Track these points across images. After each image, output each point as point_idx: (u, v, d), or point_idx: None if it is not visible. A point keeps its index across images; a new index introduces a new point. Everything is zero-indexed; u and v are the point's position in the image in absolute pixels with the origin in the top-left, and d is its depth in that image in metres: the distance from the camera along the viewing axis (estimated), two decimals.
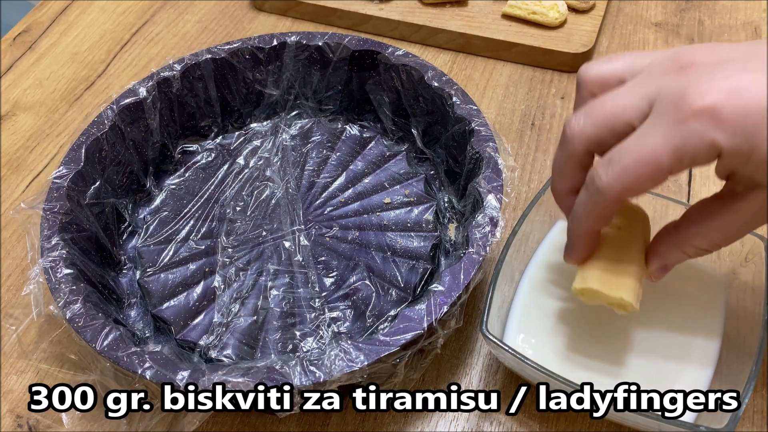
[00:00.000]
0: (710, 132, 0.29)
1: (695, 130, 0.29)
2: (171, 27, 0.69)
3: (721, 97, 0.29)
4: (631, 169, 0.31)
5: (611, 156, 0.32)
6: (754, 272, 0.41)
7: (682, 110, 0.29)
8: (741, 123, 0.28)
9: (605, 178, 0.31)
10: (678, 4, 0.67)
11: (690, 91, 0.29)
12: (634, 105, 0.31)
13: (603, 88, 0.34)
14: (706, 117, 0.29)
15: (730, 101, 0.28)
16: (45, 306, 0.40)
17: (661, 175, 0.30)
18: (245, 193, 0.51)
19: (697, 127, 0.29)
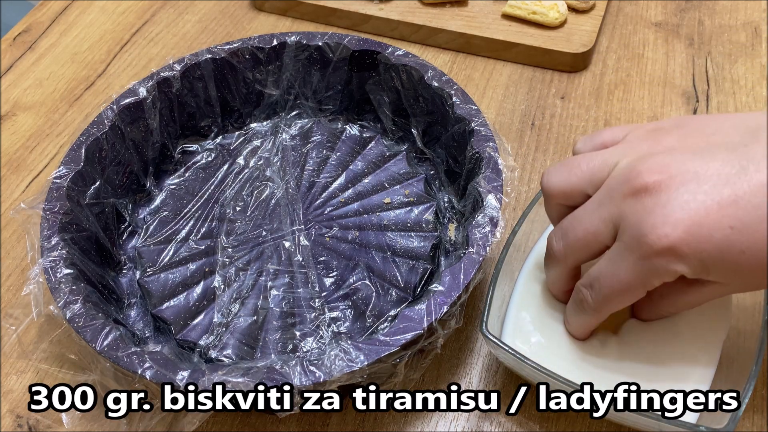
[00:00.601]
0: (672, 265, 0.32)
1: (659, 264, 0.33)
2: (171, 27, 0.69)
3: (677, 236, 0.31)
4: (611, 296, 0.36)
5: (592, 281, 0.36)
6: None
7: (644, 248, 0.32)
8: (698, 257, 0.32)
9: (591, 301, 0.37)
10: (678, 4, 0.67)
11: (648, 228, 0.32)
12: (602, 231, 0.35)
13: (568, 200, 0.38)
14: (667, 255, 0.32)
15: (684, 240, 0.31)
16: (45, 306, 0.40)
17: (636, 296, 0.35)
18: (245, 193, 0.51)
19: (661, 263, 0.32)
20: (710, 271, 0.32)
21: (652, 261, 0.32)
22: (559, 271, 0.40)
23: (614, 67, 0.62)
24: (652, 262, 0.33)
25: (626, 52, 0.63)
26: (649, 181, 0.33)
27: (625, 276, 0.34)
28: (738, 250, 0.31)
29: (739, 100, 0.58)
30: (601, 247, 0.36)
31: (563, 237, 0.38)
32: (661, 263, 0.32)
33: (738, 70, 0.61)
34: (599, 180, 0.36)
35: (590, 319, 0.38)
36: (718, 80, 0.60)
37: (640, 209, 0.33)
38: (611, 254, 0.35)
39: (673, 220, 0.32)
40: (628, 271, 0.34)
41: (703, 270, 0.32)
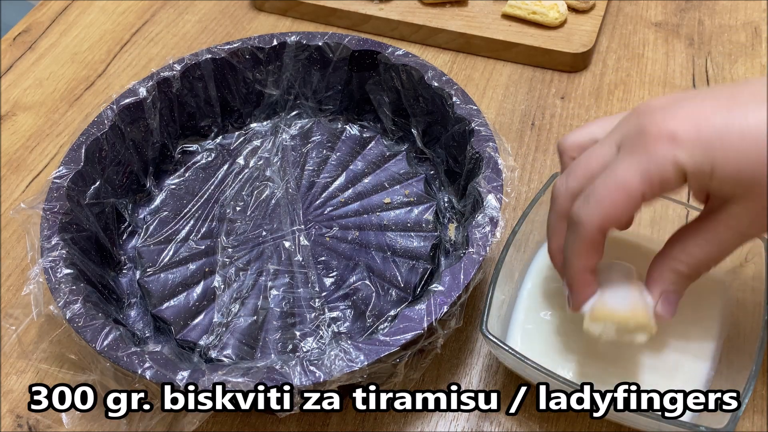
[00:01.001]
0: (672, 152, 0.31)
1: (658, 153, 0.31)
2: (171, 27, 0.69)
3: (678, 123, 0.31)
4: (605, 199, 0.33)
5: (586, 192, 0.34)
6: (754, 272, 0.41)
7: (644, 139, 0.32)
8: (697, 142, 0.31)
9: (583, 211, 0.34)
10: (678, 4, 0.67)
11: (649, 123, 0.32)
12: (605, 153, 0.34)
13: (581, 151, 0.37)
14: (666, 140, 0.31)
15: (685, 125, 0.31)
16: (45, 306, 0.40)
17: (634, 200, 0.32)
18: (245, 193, 0.51)
19: (660, 150, 0.31)
20: (713, 168, 0.31)
21: (650, 149, 0.31)
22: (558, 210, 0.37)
23: (614, 67, 0.62)
24: (650, 151, 0.31)
25: (626, 52, 0.63)
26: (657, 105, 0.33)
27: (622, 172, 0.32)
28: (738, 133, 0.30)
29: None
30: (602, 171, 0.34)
31: (567, 172, 0.36)
32: (659, 150, 0.31)
33: (738, 70, 0.61)
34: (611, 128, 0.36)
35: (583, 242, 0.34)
36: (718, 80, 0.60)
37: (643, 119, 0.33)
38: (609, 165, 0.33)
39: (673, 115, 0.32)
40: (625, 167, 0.32)
41: (705, 162, 0.31)
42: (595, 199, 0.33)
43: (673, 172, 0.31)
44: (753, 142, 0.30)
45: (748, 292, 0.41)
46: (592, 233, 0.34)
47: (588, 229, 0.34)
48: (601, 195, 0.33)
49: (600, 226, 0.33)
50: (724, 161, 0.31)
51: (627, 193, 0.32)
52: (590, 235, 0.34)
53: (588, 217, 0.33)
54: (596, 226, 0.33)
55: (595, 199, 0.33)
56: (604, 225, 0.33)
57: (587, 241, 0.34)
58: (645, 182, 0.32)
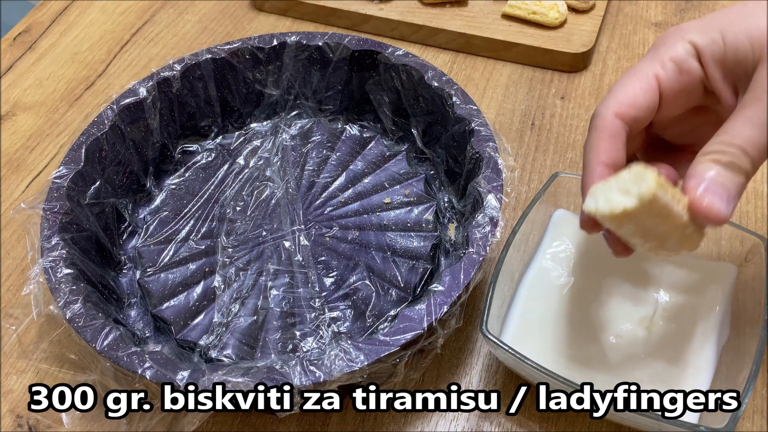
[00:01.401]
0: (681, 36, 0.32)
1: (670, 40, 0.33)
2: (171, 27, 0.69)
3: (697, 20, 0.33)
4: (619, 85, 0.33)
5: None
6: (754, 272, 0.41)
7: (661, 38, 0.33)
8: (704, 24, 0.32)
9: (602, 104, 0.33)
10: (678, 4, 0.67)
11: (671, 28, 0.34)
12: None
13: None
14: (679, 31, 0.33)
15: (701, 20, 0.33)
16: (45, 306, 0.40)
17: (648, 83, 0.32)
18: (245, 193, 0.51)
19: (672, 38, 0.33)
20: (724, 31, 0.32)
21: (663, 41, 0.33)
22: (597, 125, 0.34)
23: (614, 67, 0.62)
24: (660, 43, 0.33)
25: (626, 52, 0.63)
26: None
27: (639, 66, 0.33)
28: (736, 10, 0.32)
29: None
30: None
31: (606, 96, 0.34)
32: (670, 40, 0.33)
33: None
34: None
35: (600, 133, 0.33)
36: None
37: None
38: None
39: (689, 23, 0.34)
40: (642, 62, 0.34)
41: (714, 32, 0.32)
42: (612, 89, 0.33)
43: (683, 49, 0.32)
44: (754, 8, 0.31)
45: (748, 292, 0.41)
46: (606, 119, 0.33)
47: (603, 115, 0.33)
48: (617, 83, 0.33)
49: (615, 111, 0.33)
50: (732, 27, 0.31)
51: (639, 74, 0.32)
52: (606, 123, 0.33)
53: (604, 105, 0.33)
54: (611, 109, 0.33)
55: (612, 89, 0.33)
56: (620, 109, 0.33)
57: (603, 128, 0.33)
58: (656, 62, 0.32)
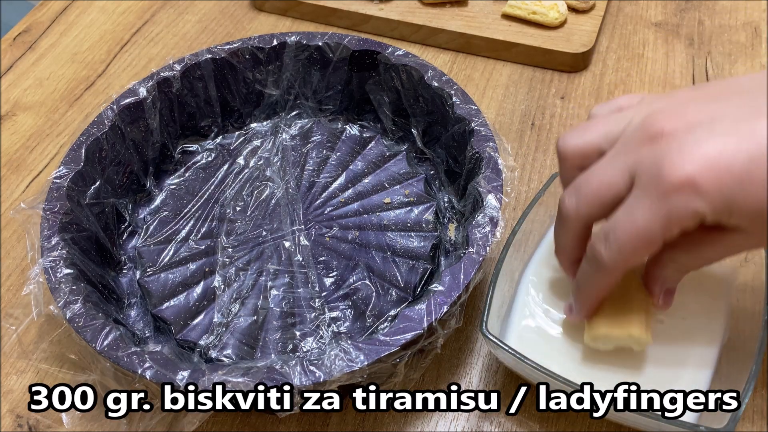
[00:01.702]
0: (692, 203, 0.31)
1: (678, 202, 0.31)
2: (171, 27, 0.69)
3: (696, 169, 0.31)
4: (627, 246, 0.33)
5: (607, 232, 0.34)
6: (754, 272, 0.41)
7: (662, 185, 0.31)
8: (718, 190, 0.30)
9: (605, 254, 0.34)
10: (678, 4, 0.67)
11: (666, 164, 0.31)
12: (617, 181, 0.34)
13: (584, 160, 0.36)
14: (686, 190, 0.31)
15: (703, 173, 0.30)
16: (45, 306, 0.40)
17: (654, 244, 0.33)
18: (245, 193, 0.51)
19: (680, 200, 0.31)
20: (732, 210, 0.31)
21: (670, 199, 0.31)
22: (570, 231, 0.37)
23: (614, 67, 0.62)
24: (670, 200, 0.31)
25: (626, 52, 0.63)
26: (666, 127, 0.32)
27: (642, 220, 0.32)
28: (759, 181, 0.30)
29: None
30: (616, 199, 0.34)
31: (576, 192, 0.36)
32: (680, 200, 0.31)
33: (738, 70, 0.61)
34: (615, 136, 0.35)
35: (603, 279, 0.36)
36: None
37: (657, 153, 0.32)
38: (627, 202, 0.33)
39: (690, 157, 0.31)
40: (645, 214, 0.32)
41: (725, 208, 0.31)
42: (618, 245, 0.34)
43: (692, 218, 0.32)
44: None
45: (748, 292, 0.41)
46: (615, 274, 0.35)
47: (611, 272, 0.35)
48: (622, 241, 0.33)
49: (622, 268, 0.35)
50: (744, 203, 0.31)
51: (648, 240, 0.33)
52: (614, 276, 0.36)
53: (612, 260, 0.34)
54: (618, 269, 0.35)
55: (618, 245, 0.34)
56: (625, 266, 0.35)
57: (610, 280, 0.36)
58: (665, 229, 0.32)
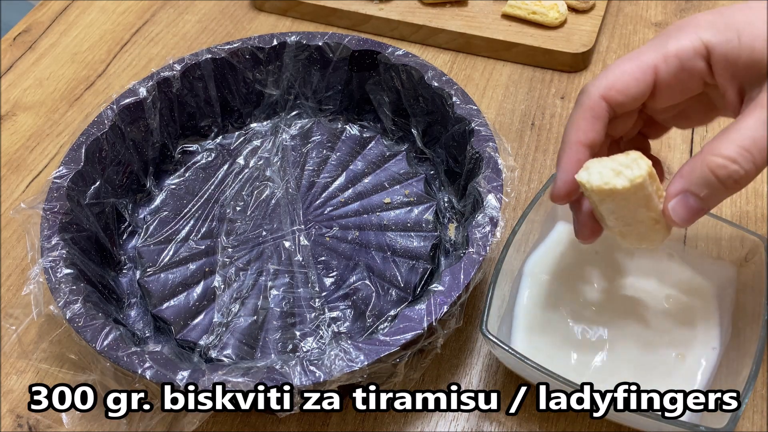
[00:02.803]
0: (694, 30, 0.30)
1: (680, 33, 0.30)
2: (171, 27, 0.69)
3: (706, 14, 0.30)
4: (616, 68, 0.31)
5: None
6: (754, 272, 0.41)
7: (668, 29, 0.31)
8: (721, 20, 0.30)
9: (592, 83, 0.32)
10: (678, 4, 0.67)
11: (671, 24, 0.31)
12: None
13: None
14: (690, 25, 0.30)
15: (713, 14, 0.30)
16: (45, 306, 0.40)
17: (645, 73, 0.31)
18: (245, 193, 0.51)
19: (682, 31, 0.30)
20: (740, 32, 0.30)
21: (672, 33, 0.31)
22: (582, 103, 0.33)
23: None
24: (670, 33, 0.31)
25: (626, 52, 0.63)
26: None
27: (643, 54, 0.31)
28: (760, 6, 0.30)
29: None
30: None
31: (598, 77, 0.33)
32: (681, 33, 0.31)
33: None
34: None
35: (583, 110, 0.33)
36: None
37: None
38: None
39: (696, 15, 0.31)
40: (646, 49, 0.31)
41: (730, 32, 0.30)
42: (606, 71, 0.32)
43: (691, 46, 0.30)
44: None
45: (748, 292, 0.41)
46: (593, 99, 0.32)
47: (590, 95, 0.32)
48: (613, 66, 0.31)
49: (603, 93, 0.32)
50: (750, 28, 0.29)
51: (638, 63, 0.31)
52: (591, 102, 0.32)
53: (594, 84, 0.32)
54: (600, 91, 0.32)
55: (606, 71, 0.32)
56: (608, 93, 0.32)
57: (587, 107, 0.32)
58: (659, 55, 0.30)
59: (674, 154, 0.55)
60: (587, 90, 0.33)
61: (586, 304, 0.43)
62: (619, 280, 0.44)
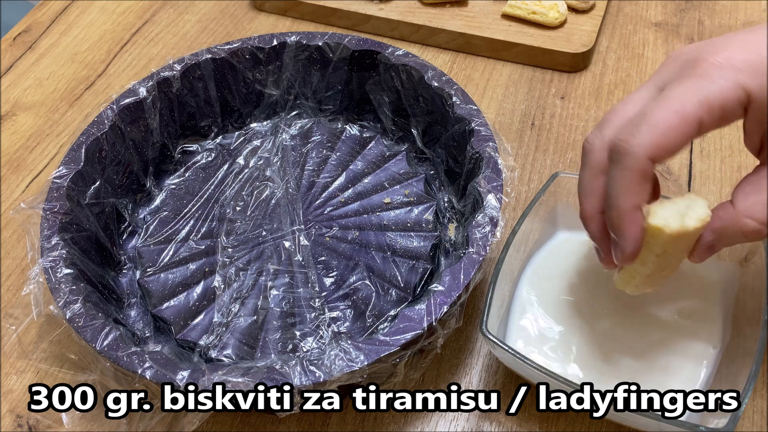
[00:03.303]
0: (734, 76, 0.29)
1: (719, 76, 0.29)
2: (171, 27, 0.69)
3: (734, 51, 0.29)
4: (660, 124, 0.29)
5: (635, 119, 0.31)
6: (754, 272, 0.41)
7: (700, 66, 0.29)
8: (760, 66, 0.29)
9: (633, 138, 0.30)
10: (678, 4, 0.67)
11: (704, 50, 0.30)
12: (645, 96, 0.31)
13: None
14: (727, 66, 0.29)
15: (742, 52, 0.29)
16: (45, 306, 0.40)
17: (690, 127, 0.29)
18: (245, 193, 0.51)
19: (721, 74, 0.29)
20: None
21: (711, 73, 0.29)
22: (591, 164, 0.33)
23: (614, 67, 0.62)
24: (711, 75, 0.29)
25: (626, 52, 0.63)
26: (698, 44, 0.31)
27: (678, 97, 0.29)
28: None
29: None
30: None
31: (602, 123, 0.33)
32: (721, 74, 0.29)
33: None
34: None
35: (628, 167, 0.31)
36: None
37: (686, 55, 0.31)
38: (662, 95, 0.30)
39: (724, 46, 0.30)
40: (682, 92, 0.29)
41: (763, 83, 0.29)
42: (648, 125, 0.30)
43: (735, 96, 0.29)
44: None
45: (748, 292, 0.41)
46: (642, 162, 0.30)
47: (638, 158, 0.30)
48: (655, 120, 0.30)
49: (652, 153, 0.30)
50: None
51: (683, 117, 0.29)
52: (640, 165, 0.30)
53: (638, 144, 0.30)
54: (648, 152, 0.30)
55: (648, 125, 0.30)
56: (656, 153, 0.30)
57: (637, 171, 0.31)
58: (704, 106, 0.29)
59: None
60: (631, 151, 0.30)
61: (587, 304, 0.43)
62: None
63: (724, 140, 0.56)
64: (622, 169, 0.31)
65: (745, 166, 0.54)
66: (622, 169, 0.31)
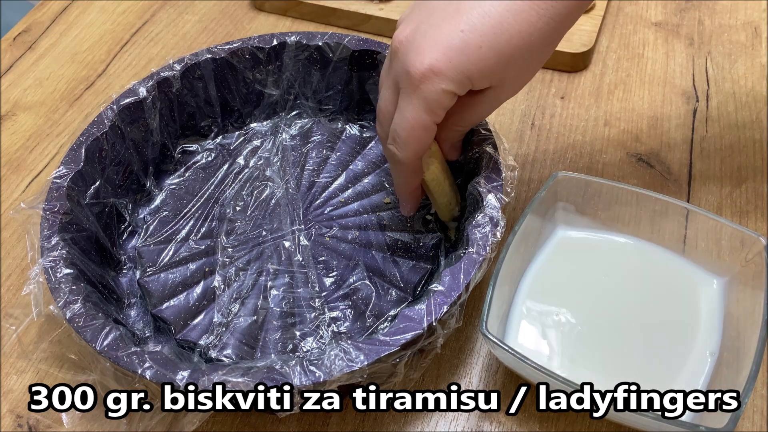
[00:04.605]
0: (439, 85, 0.37)
1: (428, 89, 0.37)
2: (171, 27, 0.69)
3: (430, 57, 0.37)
4: (408, 139, 0.40)
5: (391, 134, 0.41)
6: (754, 272, 0.41)
7: (413, 80, 0.38)
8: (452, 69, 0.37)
9: (397, 152, 0.41)
10: (678, 4, 0.67)
11: (409, 65, 0.38)
12: (390, 96, 0.41)
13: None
14: (430, 77, 0.37)
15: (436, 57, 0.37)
16: (45, 306, 0.40)
17: (430, 130, 0.39)
18: (245, 193, 0.51)
19: (429, 87, 0.37)
20: (471, 77, 0.37)
21: (422, 89, 0.37)
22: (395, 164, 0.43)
23: (614, 67, 0.62)
24: (422, 90, 0.37)
25: (626, 52, 0.63)
26: (400, 37, 0.39)
27: (410, 114, 0.39)
28: (476, 46, 0.36)
29: (739, 99, 0.58)
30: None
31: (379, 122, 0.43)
32: (429, 87, 0.37)
33: (738, 69, 0.61)
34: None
35: (406, 171, 0.42)
36: (718, 80, 0.60)
37: (401, 60, 0.38)
38: (398, 106, 0.40)
39: (422, 49, 0.37)
40: (410, 109, 0.38)
41: (465, 78, 0.37)
42: (402, 141, 0.40)
43: (445, 97, 0.38)
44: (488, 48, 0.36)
45: (748, 292, 0.41)
46: (411, 164, 0.42)
47: (407, 163, 0.41)
48: (403, 137, 0.40)
49: (413, 158, 0.41)
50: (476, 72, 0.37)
51: (423, 127, 0.39)
52: (410, 166, 0.42)
53: (403, 155, 0.41)
54: (411, 158, 0.41)
55: (402, 141, 0.40)
56: (417, 155, 0.41)
57: (409, 170, 0.42)
58: (431, 113, 0.38)
59: (674, 155, 0.55)
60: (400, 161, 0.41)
61: (587, 304, 0.43)
62: (619, 281, 0.44)
63: (724, 140, 0.56)
64: (399, 169, 0.43)
65: (745, 166, 0.54)
66: (399, 169, 0.43)
